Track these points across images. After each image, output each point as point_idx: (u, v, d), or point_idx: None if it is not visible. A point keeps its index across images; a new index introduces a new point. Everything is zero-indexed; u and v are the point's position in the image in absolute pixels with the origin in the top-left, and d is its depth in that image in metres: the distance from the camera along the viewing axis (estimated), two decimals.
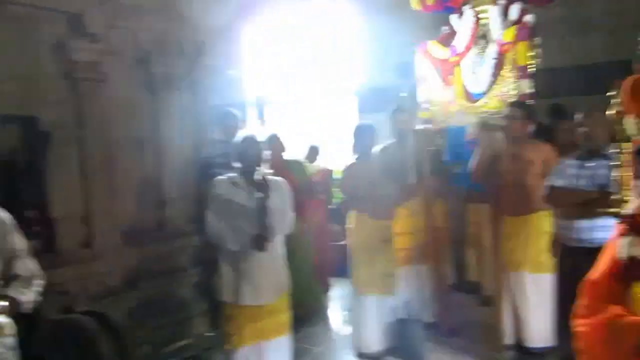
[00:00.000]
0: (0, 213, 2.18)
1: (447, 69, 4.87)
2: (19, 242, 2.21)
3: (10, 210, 2.23)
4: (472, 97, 4.69)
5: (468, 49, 4.67)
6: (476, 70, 4.63)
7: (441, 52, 4.87)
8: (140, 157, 4.41)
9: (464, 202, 4.89)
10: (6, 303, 2.02)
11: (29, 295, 2.16)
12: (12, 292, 2.09)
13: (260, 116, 6.30)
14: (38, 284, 2.23)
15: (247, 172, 3.17)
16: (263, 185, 3.12)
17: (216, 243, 3.18)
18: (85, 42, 3.88)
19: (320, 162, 6.31)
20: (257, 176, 3.16)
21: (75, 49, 3.82)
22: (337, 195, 6.19)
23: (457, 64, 4.77)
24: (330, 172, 6.28)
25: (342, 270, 5.08)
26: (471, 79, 4.68)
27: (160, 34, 4.50)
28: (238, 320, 3.16)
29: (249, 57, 7.11)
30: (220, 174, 3.34)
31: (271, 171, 3.35)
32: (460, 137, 4.79)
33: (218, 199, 3.14)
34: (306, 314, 4.64)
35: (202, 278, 4.50)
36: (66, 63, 3.83)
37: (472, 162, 4.00)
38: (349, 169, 4.12)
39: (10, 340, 2.10)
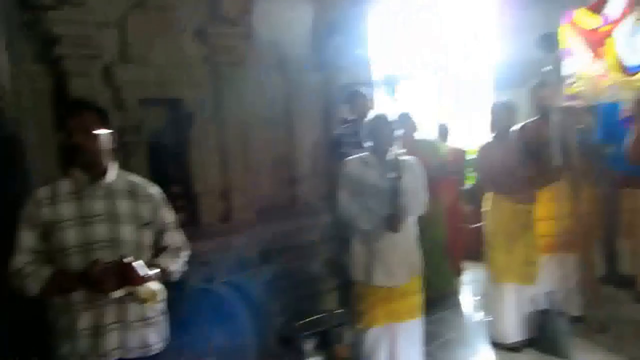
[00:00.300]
0: (151, 188, 2.32)
1: (597, 40, 4.39)
2: (169, 215, 2.34)
3: (158, 186, 2.38)
4: (628, 70, 4.19)
5: (624, 16, 4.17)
6: (634, 40, 4.12)
7: (590, 20, 4.40)
8: (273, 136, 4.52)
9: (618, 186, 4.41)
10: (158, 271, 2.16)
11: (176, 265, 2.29)
12: (162, 261, 2.23)
13: (391, 95, 6.18)
14: (184, 255, 2.36)
15: (379, 152, 3.11)
16: (396, 165, 3.04)
17: (347, 222, 3.18)
18: (223, 27, 4.02)
19: (453, 142, 6.08)
20: (389, 156, 3.09)
21: (214, 34, 3.98)
22: (470, 176, 5.94)
23: (609, 33, 4.28)
24: (463, 152, 6.01)
25: (474, 254, 4.89)
26: (628, 50, 4.17)
27: (291, 16, 4.55)
28: (369, 300, 3.15)
29: (379, 34, 6.99)
30: (351, 154, 3.33)
31: (404, 150, 3.25)
32: (614, 114, 4.31)
33: (349, 179, 3.12)
34: (437, 297, 4.52)
35: (333, 255, 4.56)
36: (206, 47, 4.00)
37: (629, 143, 3.57)
38: (485, 149, 3.90)
39: (162, 306, 2.26)
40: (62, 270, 2.05)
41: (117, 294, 2.01)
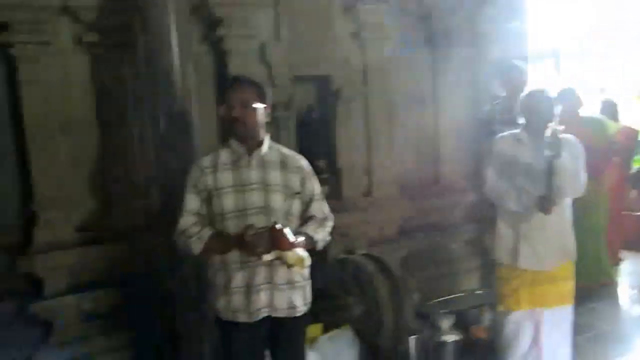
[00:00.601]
0: (301, 161, 2.44)
1: None
2: (316, 187, 2.44)
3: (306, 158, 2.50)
4: None
5: None
6: None
7: None
8: (419, 112, 4.48)
9: None
10: (304, 238, 2.28)
11: (321, 234, 2.38)
12: (308, 230, 2.34)
13: (552, 69, 5.76)
14: (329, 225, 2.46)
15: (535, 129, 2.93)
16: (553, 143, 2.84)
17: (494, 202, 3.07)
18: (372, 3, 4.03)
19: (623, 121, 5.51)
20: (546, 133, 2.91)
21: (362, 10, 4.01)
22: (638, 159, 5.38)
23: None
24: (635, 132, 5.42)
25: (636, 244, 4.47)
26: None
27: None
28: (514, 283, 3.03)
29: (537, 5, 6.49)
30: (502, 131, 3.20)
31: (562, 128, 3.05)
32: None
33: (500, 157, 3.00)
34: (591, 287, 4.21)
35: (475, 235, 4.45)
36: (355, 24, 4.05)
37: None
38: None
39: (307, 271, 2.39)
40: (220, 233, 2.25)
41: (268, 257, 2.15)
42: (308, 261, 2.23)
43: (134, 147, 3.48)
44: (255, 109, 2.29)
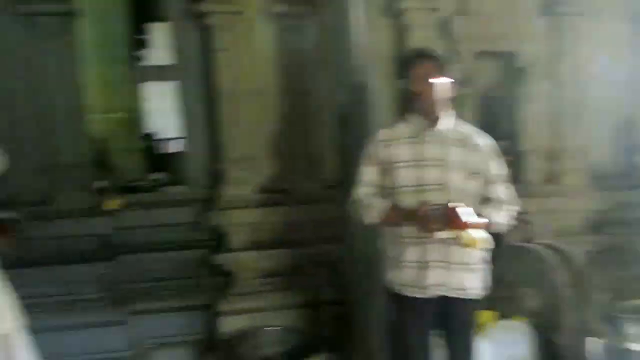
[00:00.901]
0: (483, 139, 2.34)
1: None
2: (497, 168, 2.33)
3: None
4: None
5: None
6: None
7: None
8: (615, 97, 4.02)
9: None
10: (483, 220, 2.19)
11: (499, 217, 2.28)
12: (485, 211, 2.25)
13: None
14: (510, 209, 2.33)
15: None
16: None
17: None
18: None
19: None
20: None
21: None
22: None
23: None
24: None
25: None
26: None
27: None
28: None
29: None
30: None
31: None
32: None
33: None
34: None
35: None
36: None
37: None
38: None
39: (483, 254, 2.29)
40: (395, 206, 2.25)
41: (441, 235, 2.13)
42: (485, 244, 2.16)
43: (313, 116, 3.62)
44: (436, 83, 2.24)
